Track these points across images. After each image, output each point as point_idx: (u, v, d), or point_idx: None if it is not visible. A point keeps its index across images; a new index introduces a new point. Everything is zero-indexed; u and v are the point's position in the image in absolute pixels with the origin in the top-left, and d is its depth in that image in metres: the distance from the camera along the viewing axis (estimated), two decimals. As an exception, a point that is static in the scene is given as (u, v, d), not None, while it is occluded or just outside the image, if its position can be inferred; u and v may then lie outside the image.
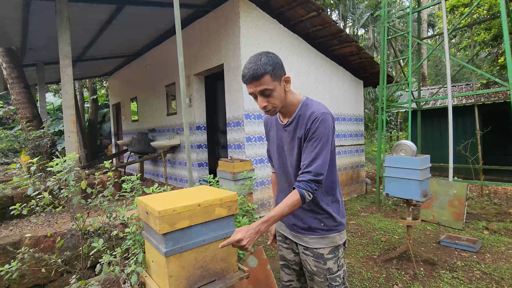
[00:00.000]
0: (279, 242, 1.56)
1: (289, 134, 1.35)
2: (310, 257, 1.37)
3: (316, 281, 1.37)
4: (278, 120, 1.42)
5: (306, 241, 1.38)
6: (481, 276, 2.66)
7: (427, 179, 2.88)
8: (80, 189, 1.95)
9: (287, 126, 1.35)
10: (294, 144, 1.33)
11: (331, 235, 1.35)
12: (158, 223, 1.18)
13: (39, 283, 2.51)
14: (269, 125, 1.51)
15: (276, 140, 1.45)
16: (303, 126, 1.27)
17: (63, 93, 3.23)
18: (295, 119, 1.32)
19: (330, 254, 1.35)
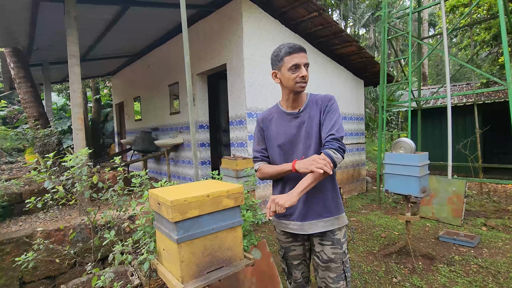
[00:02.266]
0: (290, 244, 1.58)
1: (303, 120, 1.46)
2: (328, 245, 1.45)
3: (332, 267, 1.44)
4: (284, 112, 1.50)
5: (322, 226, 1.44)
6: (478, 270, 2.74)
7: (426, 175, 2.96)
8: (91, 184, 2.05)
9: (301, 112, 1.47)
10: (312, 127, 1.44)
11: (341, 214, 1.50)
12: (171, 212, 1.26)
13: (50, 275, 2.60)
14: (267, 122, 1.56)
15: (283, 133, 1.49)
16: (319, 108, 1.45)
17: (71, 92, 3.32)
18: (308, 105, 1.47)
19: (344, 238, 1.49)
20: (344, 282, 1.45)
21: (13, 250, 2.43)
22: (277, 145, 1.51)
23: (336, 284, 1.44)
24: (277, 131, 1.52)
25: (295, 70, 1.39)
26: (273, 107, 1.60)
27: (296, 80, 1.39)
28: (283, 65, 1.42)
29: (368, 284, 2.58)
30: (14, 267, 2.44)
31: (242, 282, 2.11)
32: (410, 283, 2.57)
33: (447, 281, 2.57)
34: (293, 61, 1.38)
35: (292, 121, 1.48)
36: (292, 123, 1.48)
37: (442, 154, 7.37)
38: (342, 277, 1.45)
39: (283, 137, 1.49)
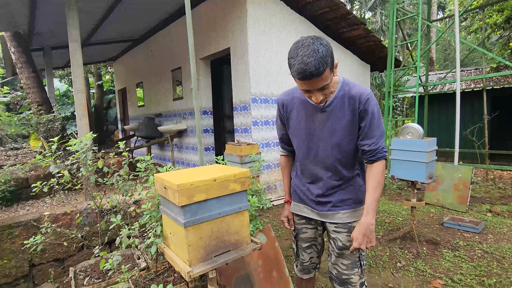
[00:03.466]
0: (303, 225, 1.55)
1: (330, 115, 1.30)
2: (343, 233, 1.40)
3: (346, 255, 1.40)
4: (309, 102, 1.33)
5: (338, 217, 1.40)
6: (483, 255, 2.74)
7: (433, 161, 2.92)
8: (96, 169, 2.04)
9: (328, 106, 1.30)
10: (339, 124, 1.30)
11: (361, 207, 1.41)
12: (177, 196, 1.25)
13: (59, 257, 2.65)
14: (290, 106, 1.42)
15: (305, 122, 1.37)
16: (351, 106, 1.27)
17: (73, 77, 3.28)
18: (337, 99, 1.28)
19: None
20: (359, 270, 1.41)
21: (22, 233, 2.46)
22: (297, 137, 1.43)
23: (349, 271, 1.41)
24: (297, 122, 1.40)
25: (305, 92, 1.24)
26: (297, 89, 1.40)
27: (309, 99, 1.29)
28: (296, 81, 1.20)
29: (372, 269, 2.60)
30: (23, 249, 2.49)
31: (248, 264, 2.13)
32: (414, 267, 2.58)
33: (451, 266, 2.58)
34: (303, 87, 1.19)
35: (316, 114, 1.33)
36: (316, 117, 1.34)
37: (449, 141, 7.28)
38: (357, 264, 1.40)
39: (303, 131, 1.38)
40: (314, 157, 1.40)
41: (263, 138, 4.59)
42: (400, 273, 2.51)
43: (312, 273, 1.64)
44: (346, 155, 1.36)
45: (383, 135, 1.31)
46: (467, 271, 2.47)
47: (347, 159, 1.37)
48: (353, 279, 1.40)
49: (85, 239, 2.61)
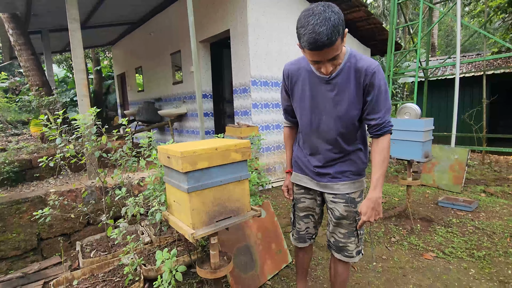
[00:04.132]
0: (301, 195, 1.57)
1: (335, 87, 1.28)
2: (341, 203, 1.42)
3: (344, 224, 1.44)
4: (315, 73, 1.31)
5: (337, 189, 1.42)
6: (474, 231, 2.84)
7: (430, 141, 2.98)
8: (100, 144, 2.09)
9: (332, 79, 1.27)
10: (343, 97, 1.28)
11: (360, 179, 1.45)
12: (181, 163, 1.31)
13: (66, 232, 2.75)
14: (295, 78, 1.40)
15: (309, 94, 1.35)
16: (357, 79, 1.24)
17: (73, 58, 3.28)
18: (344, 70, 1.25)
19: (359, 198, 1.45)
20: (356, 239, 1.45)
21: (29, 208, 2.54)
22: (301, 108, 1.42)
23: (346, 239, 1.45)
24: (302, 93, 1.38)
25: (315, 63, 1.20)
26: (303, 59, 1.38)
27: (318, 71, 1.26)
28: (304, 51, 1.17)
29: (367, 243, 2.70)
30: (31, 224, 2.58)
31: (248, 236, 2.22)
32: (407, 242, 2.68)
33: (443, 240, 2.68)
34: (314, 58, 1.15)
35: (321, 85, 1.31)
36: (320, 88, 1.32)
37: (447, 126, 7.31)
38: (354, 234, 1.44)
39: (307, 102, 1.37)
40: (316, 129, 1.40)
41: (263, 121, 4.63)
42: (394, 247, 2.61)
43: (307, 243, 1.65)
44: (348, 129, 1.35)
45: (389, 109, 1.29)
46: (458, 245, 2.57)
47: (349, 133, 1.37)
48: (349, 247, 1.46)
49: (90, 213, 2.69)
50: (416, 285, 2.05)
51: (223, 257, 1.65)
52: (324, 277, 2.20)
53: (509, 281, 2.05)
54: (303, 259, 1.74)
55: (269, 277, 2.18)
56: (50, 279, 2.29)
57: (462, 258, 2.37)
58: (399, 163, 6.16)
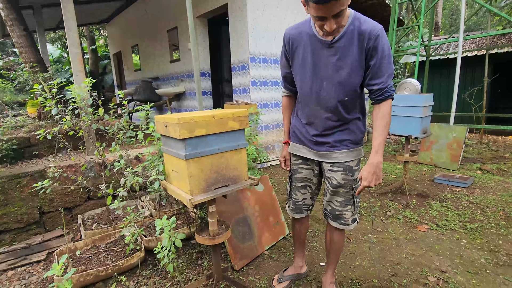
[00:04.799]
0: (299, 165, 1.57)
1: (337, 51, 1.25)
2: (338, 171, 1.42)
3: (341, 192, 1.45)
4: (317, 36, 1.28)
5: (335, 157, 1.42)
6: (468, 205, 2.90)
7: (428, 116, 2.97)
8: (97, 117, 2.08)
9: (335, 42, 1.24)
10: (346, 61, 1.25)
11: (358, 147, 1.44)
12: (178, 129, 1.30)
13: (67, 206, 2.79)
14: (296, 43, 1.36)
15: (310, 59, 1.32)
16: (360, 43, 1.21)
17: (66, 31, 3.19)
18: (347, 34, 1.22)
19: (357, 166, 1.45)
20: (352, 207, 1.47)
21: (30, 182, 2.57)
22: (301, 74, 1.39)
23: (343, 207, 1.47)
24: (303, 59, 1.35)
25: (319, 20, 1.15)
26: (305, 24, 1.35)
27: (322, 29, 1.20)
28: (308, 7, 1.14)
29: (363, 217, 2.76)
30: (32, 198, 2.61)
31: (246, 208, 2.26)
32: (402, 215, 2.74)
33: (437, 214, 2.74)
34: (318, 13, 1.10)
35: (323, 50, 1.28)
36: (322, 52, 1.28)
37: (448, 107, 7.28)
38: (351, 202, 1.46)
39: (308, 67, 1.34)
40: (317, 96, 1.37)
41: (262, 99, 4.59)
42: (389, 220, 2.67)
43: (304, 214, 1.66)
44: (349, 97, 1.33)
45: (392, 74, 1.27)
46: (451, 218, 2.63)
47: (349, 101, 1.35)
48: (345, 215, 1.49)
49: (90, 186, 2.72)
50: (409, 254, 2.11)
51: (221, 226, 1.68)
52: (320, 247, 2.26)
53: (499, 250, 2.12)
54: (300, 230, 1.76)
55: (267, 247, 2.24)
56: (54, 250, 2.35)
57: (455, 230, 2.43)
58: (397, 143, 6.19)
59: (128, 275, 1.96)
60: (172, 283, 1.86)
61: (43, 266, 2.17)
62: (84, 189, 2.61)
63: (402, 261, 2.04)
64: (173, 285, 1.84)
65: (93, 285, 1.87)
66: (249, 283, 1.86)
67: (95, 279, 1.86)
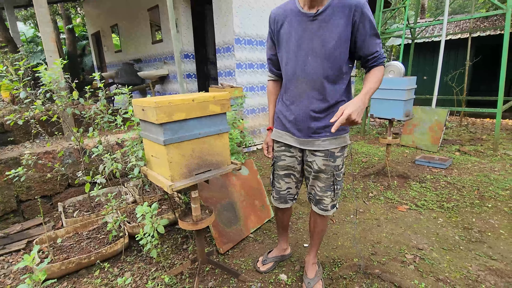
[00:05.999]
0: (281, 152, 1.54)
1: (322, 23, 1.25)
2: (320, 157, 1.41)
3: (322, 177, 1.45)
4: (301, 11, 1.29)
5: (318, 144, 1.40)
6: (446, 186, 3.01)
7: (411, 99, 3.01)
8: (72, 100, 1.98)
9: (319, 14, 1.24)
10: (331, 34, 1.24)
11: (343, 135, 1.42)
12: (155, 113, 1.25)
13: (46, 194, 2.70)
14: (281, 20, 1.36)
15: (295, 34, 1.31)
16: (345, 15, 1.22)
17: (36, 7, 2.95)
18: (331, 6, 1.23)
19: (340, 153, 1.43)
20: (332, 193, 1.47)
21: (4, 170, 2.45)
22: (286, 51, 1.36)
23: (323, 193, 1.48)
24: (288, 34, 1.34)
25: None
26: (290, 1, 1.36)
27: None
28: None
29: (347, 198, 2.83)
30: (8, 186, 2.51)
31: (231, 193, 2.25)
32: (384, 196, 2.82)
33: (417, 194, 2.84)
34: None
35: (307, 24, 1.27)
36: (307, 26, 1.27)
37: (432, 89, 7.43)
38: (331, 188, 1.46)
39: (293, 42, 1.32)
40: (302, 71, 1.34)
41: (248, 82, 4.51)
42: (371, 201, 2.75)
43: (288, 204, 1.64)
44: (335, 73, 1.31)
45: (381, 42, 1.32)
46: (430, 198, 2.74)
47: (335, 78, 1.33)
48: (325, 201, 1.50)
49: (69, 177, 2.63)
50: (389, 234, 2.19)
51: (204, 211, 1.68)
52: (304, 229, 2.31)
53: (472, 227, 2.23)
54: (282, 217, 1.76)
55: (252, 230, 2.27)
56: (34, 238, 2.29)
57: (432, 209, 2.53)
58: (381, 125, 6.30)
59: (112, 262, 1.95)
60: (157, 268, 1.86)
61: (23, 255, 2.12)
62: (63, 176, 2.52)
63: (382, 240, 2.11)
64: (158, 270, 1.84)
65: (76, 273, 1.85)
66: (234, 266, 1.89)
67: (78, 266, 1.84)
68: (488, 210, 2.49)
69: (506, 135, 5.13)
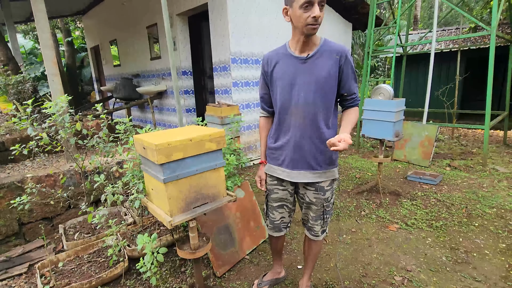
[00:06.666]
0: (274, 186, 1.64)
1: (312, 64, 1.39)
2: (311, 191, 1.54)
3: (313, 208, 1.58)
4: (293, 55, 1.43)
5: (308, 177, 1.50)
6: (436, 203, 3.12)
7: (400, 120, 3.13)
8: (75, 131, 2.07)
9: (309, 58, 1.39)
10: (321, 72, 1.38)
11: (332, 169, 1.53)
12: (156, 155, 1.35)
13: (47, 216, 2.77)
14: (274, 60, 1.49)
15: (289, 71, 1.44)
16: (333, 58, 1.38)
17: (39, 32, 3.07)
18: (319, 51, 1.39)
19: (329, 186, 1.54)
20: (322, 221, 1.60)
21: (7, 194, 2.53)
22: (281, 86, 1.47)
23: (314, 222, 1.61)
24: (282, 72, 1.46)
25: (307, 8, 1.25)
26: (281, 47, 1.50)
27: (307, 21, 1.27)
28: (294, 1, 1.27)
29: (340, 217, 2.92)
30: (11, 209, 2.58)
31: (227, 216, 2.34)
32: (376, 215, 2.92)
33: (407, 212, 2.94)
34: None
35: (299, 64, 1.41)
36: (299, 67, 1.41)
37: (423, 102, 7.61)
38: (321, 217, 1.59)
39: (287, 78, 1.44)
40: (295, 106, 1.44)
41: (243, 99, 4.63)
42: (363, 220, 2.84)
43: (282, 232, 1.73)
44: (326, 104, 1.43)
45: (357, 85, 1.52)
46: (420, 217, 2.84)
47: (326, 109, 1.44)
48: (316, 228, 1.63)
49: (70, 199, 2.71)
50: (379, 254, 2.28)
51: (202, 238, 1.76)
52: (298, 250, 2.39)
53: (459, 248, 2.32)
54: (277, 244, 1.86)
55: (248, 252, 2.35)
56: (35, 262, 2.35)
57: (422, 229, 2.63)
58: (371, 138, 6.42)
59: (112, 286, 2.02)
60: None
61: (25, 279, 2.18)
62: (64, 200, 2.60)
63: (372, 261, 2.20)
64: (157, 294, 1.92)
65: (77, 298, 1.91)
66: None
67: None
68: (474, 229, 2.59)
69: (495, 148, 5.27)
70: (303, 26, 1.30)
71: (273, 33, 4.85)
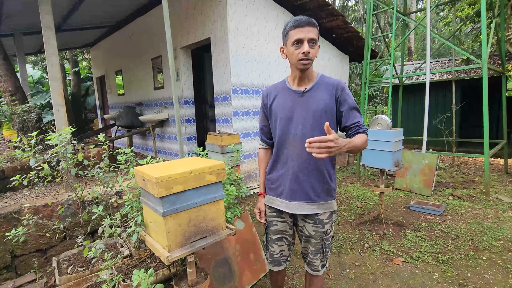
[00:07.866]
0: (273, 218, 1.62)
1: (310, 98, 1.44)
2: (310, 223, 1.51)
3: (312, 242, 1.55)
4: (291, 89, 1.49)
5: (307, 209, 1.48)
6: (440, 235, 3.04)
7: (399, 150, 3.15)
8: (76, 161, 2.08)
9: (307, 92, 1.45)
10: (318, 105, 1.42)
11: (330, 201, 1.51)
12: (156, 188, 1.35)
13: (41, 248, 2.70)
14: (274, 93, 1.55)
15: (288, 105, 1.48)
16: (329, 92, 1.43)
17: (48, 66, 3.20)
18: (316, 85, 1.45)
19: (328, 219, 1.52)
20: (321, 255, 1.56)
21: (2, 225, 2.48)
22: (280, 118, 1.50)
23: (313, 256, 1.56)
24: (280, 105, 1.51)
25: (298, 45, 1.34)
26: (280, 82, 1.58)
27: (299, 56, 1.35)
28: (288, 40, 1.37)
29: (343, 249, 2.83)
30: (4, 241, 2.51)
31: (227, 249, 2.28)
32: (379, 247, 2.83)
33: (412, 245, 2.85)
34: (297, 36, 1.33)
35: (297, 98, 1.46)
36: (297, 100, 1.46)
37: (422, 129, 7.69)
38: (320, 251, 1.55)
39: (286, 111, 1.48)
40: (293, 137, 1.46)
41: (244, 128, 4.69)
42: (367, 253, 2.75)
43: (282, 266, 1.69)
44: None
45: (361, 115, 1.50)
46: (425, 249, 2.75)
47: None
48: (315, 263, 1.58)
49: (67, 230, 2.66)
50: (384, 291, 2.18)
51: (200, 273, 1.70)
52: (300, 285, 2.29)
53: (467, 284, 2.23)
54: (277, 279, 1.79)
55: (248, 287, 2.25)
56: (25, 298, 2.25)
57: (428, 263, 2.54)
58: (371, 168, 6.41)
59: (104, 326, 1.91)
60: (150, 334, 1.82)
61: (13, 317, 2.07)
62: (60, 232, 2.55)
63: (378, 298, 2.10)
64: (151, 335, 1.81)
65: None
66: (229, 330, 1.85)
67: (69, 333, 1.80)
68: (482, 263, 2.50)
69: (497, 176, 5.24)
70: (296, 62, 1.38)
71: (272, 65, 5.05)
